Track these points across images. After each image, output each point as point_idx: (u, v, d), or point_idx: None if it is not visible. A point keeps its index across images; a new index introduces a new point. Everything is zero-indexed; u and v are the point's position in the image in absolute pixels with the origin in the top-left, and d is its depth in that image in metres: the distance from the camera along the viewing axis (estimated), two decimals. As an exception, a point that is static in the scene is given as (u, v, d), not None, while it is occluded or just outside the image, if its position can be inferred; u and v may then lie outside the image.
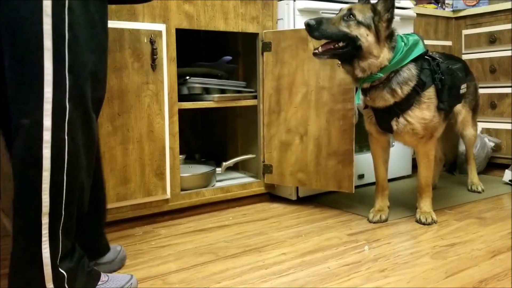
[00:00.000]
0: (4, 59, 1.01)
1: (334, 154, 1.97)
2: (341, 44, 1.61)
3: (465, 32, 2.89)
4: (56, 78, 0.97)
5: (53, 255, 1.03)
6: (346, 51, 1.62)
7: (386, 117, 1.74)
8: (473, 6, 2.92)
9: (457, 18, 2.93)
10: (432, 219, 1.81)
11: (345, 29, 1.60)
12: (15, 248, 1.05)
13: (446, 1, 3.03)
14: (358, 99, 1.74)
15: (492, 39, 2.75)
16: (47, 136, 0.97)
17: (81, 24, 0.99)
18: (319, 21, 1.60)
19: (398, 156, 2.45)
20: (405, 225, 1.81)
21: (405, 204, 2.04)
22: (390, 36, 1.66)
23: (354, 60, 1.63)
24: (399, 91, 1.67)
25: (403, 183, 2.47)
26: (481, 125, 2.78)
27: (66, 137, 0.99)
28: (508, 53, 2.68)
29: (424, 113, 1.70)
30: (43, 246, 1.02)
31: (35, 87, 0.96)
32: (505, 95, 2.71)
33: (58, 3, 0.95)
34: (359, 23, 1.60)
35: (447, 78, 1.74)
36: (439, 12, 2.89)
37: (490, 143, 2.70)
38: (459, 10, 2.92)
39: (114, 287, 1.20)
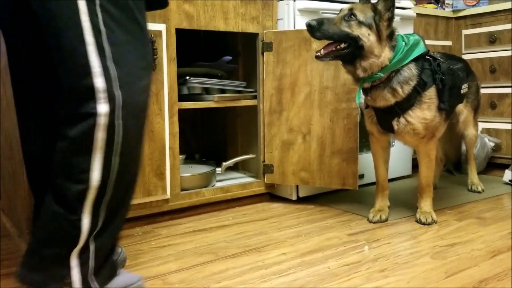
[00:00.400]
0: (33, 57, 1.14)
1: (338, 152, 1.98)
2: (343, 45, 1.62)
3: (465, 32, 2.89)
4: (103, 69, 1.04)
5: (90, 228, 1.08)
6: (349, 51, 1.62)
7: (387, 117, 1.75)
8: (473, 6, 2.92)
9: (457, 18, 2.93)
10: (432, 219, 1.81)
11: (347, 29, 1.60)
12: (53, 216, 1.08)
13: (446, 1, 3.03)
14: (359, 99, 1.74)
15: (492, 39, 2.75)
16: (101, 121, 1.04)
17: (115, 21, 1.07)
18: (321, 22, 1.60)
19: (398, 156, 2.45)
20: (405, 225, 1.81)
21: (405, 204, 2.04)
22: (391, 35, 1.66)
23: (356, 60, 1.64)
24: (400, 90, 1.67)
25: (403, 183, 2.47)
26: (481, 125, 2.78)
27: (118, 122, 1.06)
28: (508, 53, 2.68)
29: (425, 113, 1.70)
30: (83, 217, 1.06)
31: (85, 80, 1.03)
32: (505, 95, 2.71)
33: (91, 2, 1.03)
34: (360, 23, 1.60)
35: (448, 78, 1.74)
36: (439, 12, 2.89)
37: (490, 143, 2.70)
38: (459, 10, 2.92)
39: (121, 283, 1.22)
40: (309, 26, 1.60)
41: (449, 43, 2.91)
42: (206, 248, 1.60)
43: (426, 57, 1.73)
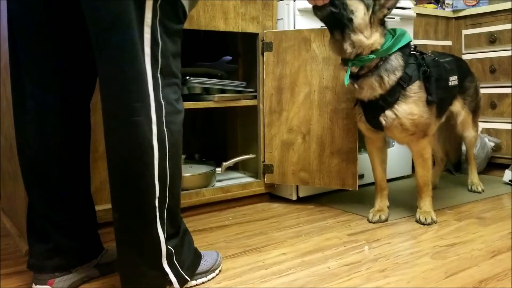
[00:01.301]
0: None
1: (337, 152, 1.98)
2: (331, 8, 1.56)
3: (465, 32, 2.89)
4: (153, 79, 1.10)
5: (164, 234, 1.15)
6: (337, 16, 1.58)
7: (374, 113, 1.73)
8: (473, 6, 2.92)
9: (457, 18, 2.93)
10: (431, 219, 1.81)
11: None
12: (129, 232, 1.14)
13: (446, 1, 3.03)
14: (347, 80, 1.68)
15: (492, 39, 2.75)
16: (154, 129, 1.10)
17: (168, 34, 1.14)
18: None
19: (398, 156, 2.45)
20: (405, 225, 1.81)
21: (405, 204, 2.04)
22: (383, 23, 1.65)
23: (345, 30, 1.60)
24: (386, 79, 1.65)
25: (402, 183, 2.47)
26: (481, 125, 2.78)
27: (165, 129, 1.13)
28: (508, 53, 2.68)
29: (411, 107, 1.68)
30: (158, 226, 1.14)
31: (143, 89, 1.09)
32: (505, 95, 2.71)
33: (154, 14, 1.09)
34: None
35: (433, 70, 1.74)
36: (439, 12, 2.89)
37: (490, 143, 2.70)
38: (459, 10, 2.92)
39: (211, 260, 1.35)
40: None
41: (449, 43, 2.91)
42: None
43: (412, 52, 1.73)
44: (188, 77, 2.03)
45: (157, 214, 1.12)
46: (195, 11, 1.88)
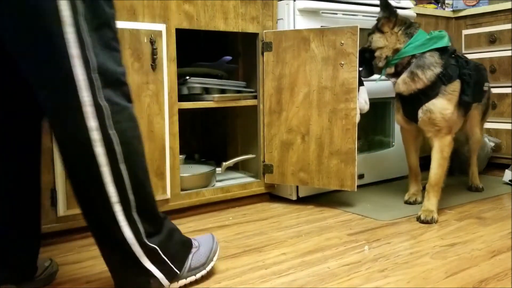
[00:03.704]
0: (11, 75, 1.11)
1: (336, 153, 1.97)
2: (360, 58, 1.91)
3: (465, 32, 2.89)
4: (88, 82, 1.03)
5: (136, 235, 1.13)
6: (365, 57, 1.95)
7: (413, 106, 1.88)
8: (473, 6, 2.92)
9: (457, 18, 2.93)
10: (432, 218, 1.81)
11: (370, 46, 1.93)
12: (101, 243, 1.15)
13: (446, 1, 3.03)
14: (380, 77, 1.96)
15: (492, 39, 2.75)
16: (95, 135, 1.05)
17: (93, 29, 1.05)
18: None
19: (398, 156, 2.45)
20: (405, 225, 1.81)
21: (405, 204, 2.04)
22: (407, 26, 1.88)
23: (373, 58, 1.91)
24: (420, 74, 1.81)
25: (402, 183, 2.47)
26: (481, 125, 2.79)
27: (112, 131, 1.07)
28: (508, 53, 2.68)
29: (447, 103, 1.81)
30: (123, 230, 1.11)
31: (72, 95, 1.03)
32: (505, 95, 2.71)
33: (75, 12, 1.01)
34: (369, 34, 1.94)
35: (474, 74, 1.89)
36: (439, 12, 2.89)
37: (490, 143, 2.70)
38: (459, 10, 2.92)
39: (206, 250, 1.33)
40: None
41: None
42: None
43: (453, 55, 1.85)
44: (188, 77, 2.03)
45: (122, 218, 1.10)
46: (195, 11, 1.88)
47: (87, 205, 1.12)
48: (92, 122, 1.04)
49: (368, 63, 1.96)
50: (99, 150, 1.05)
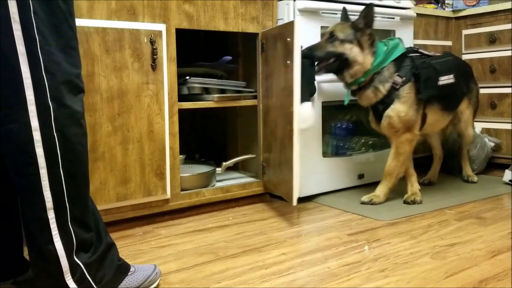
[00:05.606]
0: None
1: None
2: (332, 60, 1.92)
3: (465, 32, 2.89)
4: (35, 80, 1.00)
5: (66, 247, 1.06)
6: (337, 64, 1.93)
7: (378, 114, 2.00)
8: (473, 6, 2.92)
9: (457, 18, 2.93)
10: (371, 200, 2.04)
11: (331, 49, 1.90)
12: (30, 247, 1.08)
13: (446, 1, 3.02)
14: (347, 100, 2.05)
15: (492, 39, 2.75)
16: (37, 136, 1.01)
17: (47, 26, 1.03)
18: (310, 49, 1.90)
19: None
20: (405, 225, 1.81)
21: (405, 204, 2.04)
22: (372, 43, 1.93)
23: (344, 69, 1.94)
24: (381, 88, 1.95)
25: (402, 183, 2.46)
26: (481, 125, 2.79)
27: (55, 134, 1.03)
28: (508, 53, 2.68)
29: (401, 106, 1.94)
30: (54, 240, 1.04)
31: (17, 92, 1.00)
32: (505, 95, 2.71)
33: (24, 9, 0.98)
34: (342, 41, 1.90)
35: (423, 72, 1.97)
36: (439, 12, 2.89)
37: (490, 143, 2.70)
38: (459, 10, 2.92)
39: (141, 276, 1.24)
40: (303, 57, 1.82)
41: (449, 43, 2.91)
42: (206, 248, 1.60)
43: (409, 55, 1.99)
44: (188, 77, 2.03)
45: (54, 226, 1.04)
46: (195, 11, 1.88)
47: (22, 205, 1.05)
48: (35, 122, 1.01)
49: (337, 67, 1.94)
50: (40, 151, 1.01)
